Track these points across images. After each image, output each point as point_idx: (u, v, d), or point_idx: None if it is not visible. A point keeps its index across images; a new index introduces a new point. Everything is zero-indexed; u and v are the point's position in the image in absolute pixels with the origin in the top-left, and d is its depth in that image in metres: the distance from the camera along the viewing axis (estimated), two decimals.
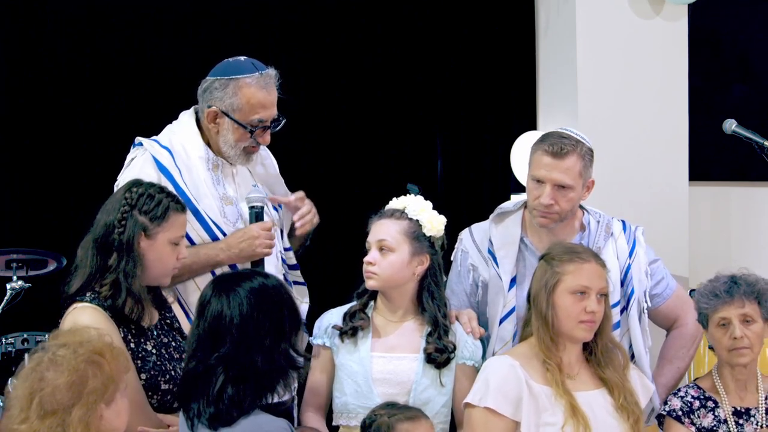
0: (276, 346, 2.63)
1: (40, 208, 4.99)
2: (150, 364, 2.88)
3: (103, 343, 2.46)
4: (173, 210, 2.93)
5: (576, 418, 2.93)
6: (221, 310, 2.62)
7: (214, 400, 2.58)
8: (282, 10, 5.34)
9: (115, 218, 2.87)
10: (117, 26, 5.11)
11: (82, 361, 2.38)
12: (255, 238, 3.26)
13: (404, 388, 3.12)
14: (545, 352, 3.01)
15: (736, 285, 3.13)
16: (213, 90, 3.32)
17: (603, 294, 3.02)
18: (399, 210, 3.20)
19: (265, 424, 2.60)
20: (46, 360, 2.40)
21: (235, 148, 3.35)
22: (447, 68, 5.50)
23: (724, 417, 3.16)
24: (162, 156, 3.27)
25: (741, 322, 3.12)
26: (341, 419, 3.16)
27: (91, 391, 2.37)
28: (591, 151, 3.32)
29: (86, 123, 5.06)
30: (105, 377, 2.39)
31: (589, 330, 3.01)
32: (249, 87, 3.30)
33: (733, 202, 5.60)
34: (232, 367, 2.59)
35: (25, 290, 4.55)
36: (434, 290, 3.19)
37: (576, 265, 3.02)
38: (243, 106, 3.30)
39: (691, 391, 3.23)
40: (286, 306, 2.70)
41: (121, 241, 2.86)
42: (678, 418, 3.18)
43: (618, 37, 5.07)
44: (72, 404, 2.35)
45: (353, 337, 3.18)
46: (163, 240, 2.91)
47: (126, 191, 2.92)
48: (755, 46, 5.58)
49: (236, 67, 3.34)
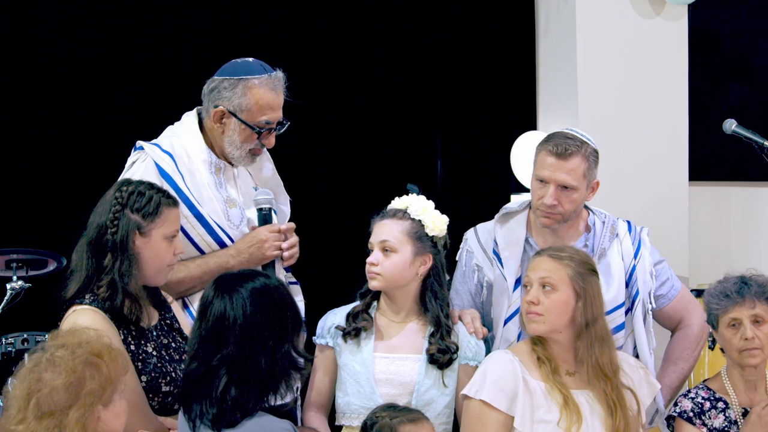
0: (279, 347, 2.62)
1: (40, 208, 4.98)
2: (150, 366, 2.86)
3: (102, 344, 2.45)
4: (165, 205, 2.90)
5: (569, 411, 2.93)
6: (224, 311, 2.61)
7: (217, 401, 2.57)
8: (282, 10, 5.33)
9: (107, 219, 2.85)
10: (118, 26, 5.10)
11: (80, 363, 2.37)
12: (264, 242, 3.26)
13: (407, 388, 3.12)
14: (535, 348, 3.02)
15: (746, 286, 3.12)
16: (221, 90, 3.29)
17: (546, 285, 2.99)
18: (401, 210, 3.19)
19: (269, 425, 2.59)
20: (44, 361, 2.39)
21: (240, 149, 3.32)
22: (447, 68, 5.50)
23: (734, 418, 3.15)
24: (164, 161, 3.25)
25: (752, 323, 3.11)
26: (344, 419, 3.16)
27: (88, 392, 2.36)
28: (596, 152, 3.32)
29: (87, 123, 5.05)
30: (103, 379, 2.38)
31: (533, 322, 2.99)
32: (258, 88, 3.28)
33: (733, 202, 5.61)
34: (236, 369, 2.57)
35: (25, 290, 4.54)
36: (437, 290, 3.18)
37: (531, 260, 3.07)
38: (251, 107, 3.28)
39: (702, 392, 3.22)
40: (288, 306, 2.69)
41: (115, 241, 2.83)
42: (689, 420, 3.17)
43: (618, 37, 5.08)
44: (69, 405, 2.34)
45: (356, 337, 3.18)
46: (157, 236, 2.89)
47: (116, 191, 2.89)
48: (755, 46, 5.58)
49: (245, 67, 3.32)
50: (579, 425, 2.92)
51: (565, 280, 2.98)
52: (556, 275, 2.99)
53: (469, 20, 5.51)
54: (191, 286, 3.19)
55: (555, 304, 2.97)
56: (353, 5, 5.41)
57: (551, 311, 2.97)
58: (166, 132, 3.41)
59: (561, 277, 2.99)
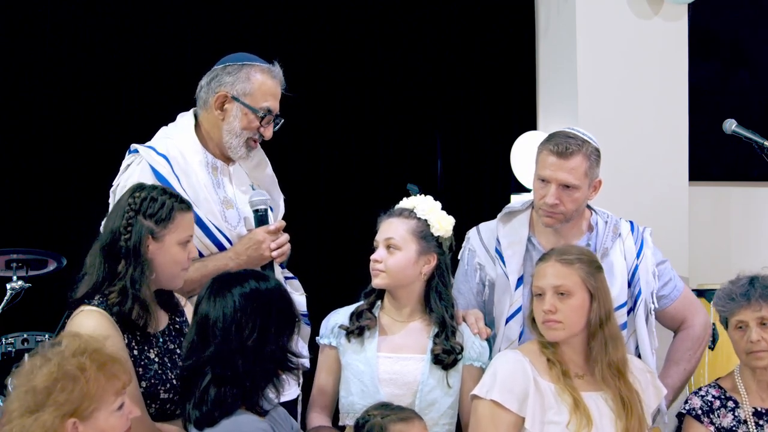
0: (260, 347, 2.64)
1: (40, 208, 4.98)
2: (151, 373, 2.85)
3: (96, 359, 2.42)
4: (178, 210, 2.90)
5: (579, 413, 2.92)
6: (208, 312, 2.66)
7: (198, 401, 2.62)
8: (282, 9, 5.33)
9: (120, 224, 2.84)
10: (118, 26, 5.10)
11: (60, 370, 2.36)
12: (261, 243, 3.25)
13: (410, 388, 3.11)
14: (543, 350, 3.02)
15: (753, 288, 3.12)
16: (224, 75, 3.31)
17: (561, 292, 2.99)
18: (408, 209, 3.19)
19: (244, 424, 2.61)
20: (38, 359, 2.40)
21: (239, 136, 3.32)
22: (447, 68, 5.50)
23: (744, 417, 3.15)
24: (159, 164, 3.23)
25: (758, 325, 3.11)
26: (347, 419, 3.15)
27: (58, 402, 2.34)
28: (597, 151, 3.31)
29: (87, 123, 5.05)
30: (78, 393, 2.35)
31: (552, 330, 2.99)
32: (261, 73, 3.33)
33: (733, 202, 5.61)
34: (215, 368, 2.61)
35: (25, 290, 4.54)
36: (442, 290, 3.17)
37: (537, 266, 3.06)
38: (255, 92, 3.30)
39: (712, 391, 3.22)
40: (275, 309, 2.70)
41: (128, 247, 2.83)
42: (697, 417, 3.17)
43: (618, 37, 5.08)
44: (38, 408, 2.34)
45: (360, 336, 3.17)
46: (171, 241, 2.88)
47: (129, 196, 2.89)
48: (755, 45, 5.59)
49: (247, 56, 3.38)
50: (589, 429, 2.92)
51: (579, 283, 2.98)
52: (570, 280, 2.98)
53: (469, 20, 5.52)
54: (191, 289, 3.18)
55: (573, 309, 2.97)
56: (353, 5, 5.41)
57: (570, 317, 2.97)
58: (159, 133, 3.39)
59: (575, 282, 2.98)
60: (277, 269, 3.35)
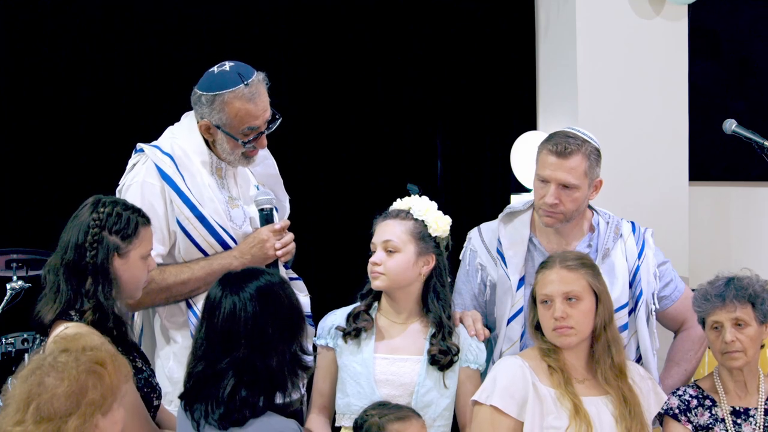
0: (288, 346, 2.66)
1: (40, 208, 4.98)
2: (142, 382, 2.86)
3: (106, 351, 2.42)
4: (142, 225, 2.88)
5: (578, 419, 2.93)
6: (233, 310, 2.64)
7: (224, 400, 2.59)
8: (282, 9, 5.33)
9: (85, 240, 2.80)
10: (119, 26, 5.10)
11: (83, 371, 2.33)
12: (265, 242, 3.28)
13: (407, 389, 3.11)
14: (544, 357, 3.03)
15: (728, 289, 3.13)
16: (202, 105, 3.31)
17: (571, 297, 3.00)
18: (404, 210, 3.19)
19: (276, 424, 2.62)
20: (46, 364, 2.35)
21: (232, 155, 3.35)
22: (447, 68, 5.50)
23: (721, 416, 3.17)
24: (164, 163, 3.26)
25: (733, 326, 3.12)
26: (344, 420, 3.15)
27: (89, 402, 2.32)
28: (597, 150, 3.31)
29: (87, 123, 5.05)
30: (105, 388, 2.35)
31: (565, 336, 3.00)
32: (235, 102, 3.26)
33: (733, 202, 5.62)
34: (246, 370, 2.60)
35: (25, 290, 4.53)
36: (440, 290, 3.18)
37: (540, 274, 3.07)
38: (231, 121, 3.28)
39: (690, 390, 3.24)
40: (292, 306, 2.72)
41: (96, 263, 2.79)
42: (675, 416, 3.19)
43: (618, 37, 5.08)
44: (69, 413, 2.30)
45: (356, 338, 3.17)
46: (135, 257, 2.86)
47: (92, 212, 2.85)
48: (755, 46, 5.59)
49: (221, 80, 3.28)
50: (588, 429, 2.92)
51: (586, 287, 3.02)
52: (578, 285, 3.01)
53: (469, 20, 5.51)
54: (195, 287, 3.21)
55: (583, 313, 3.00)
56: (353, 5, 5.41)
57: (581, 321, 3.00)
58: (166, 133, 3.42)
59: (583, 286, 3.02)
60: (282, 270, 3.37)
